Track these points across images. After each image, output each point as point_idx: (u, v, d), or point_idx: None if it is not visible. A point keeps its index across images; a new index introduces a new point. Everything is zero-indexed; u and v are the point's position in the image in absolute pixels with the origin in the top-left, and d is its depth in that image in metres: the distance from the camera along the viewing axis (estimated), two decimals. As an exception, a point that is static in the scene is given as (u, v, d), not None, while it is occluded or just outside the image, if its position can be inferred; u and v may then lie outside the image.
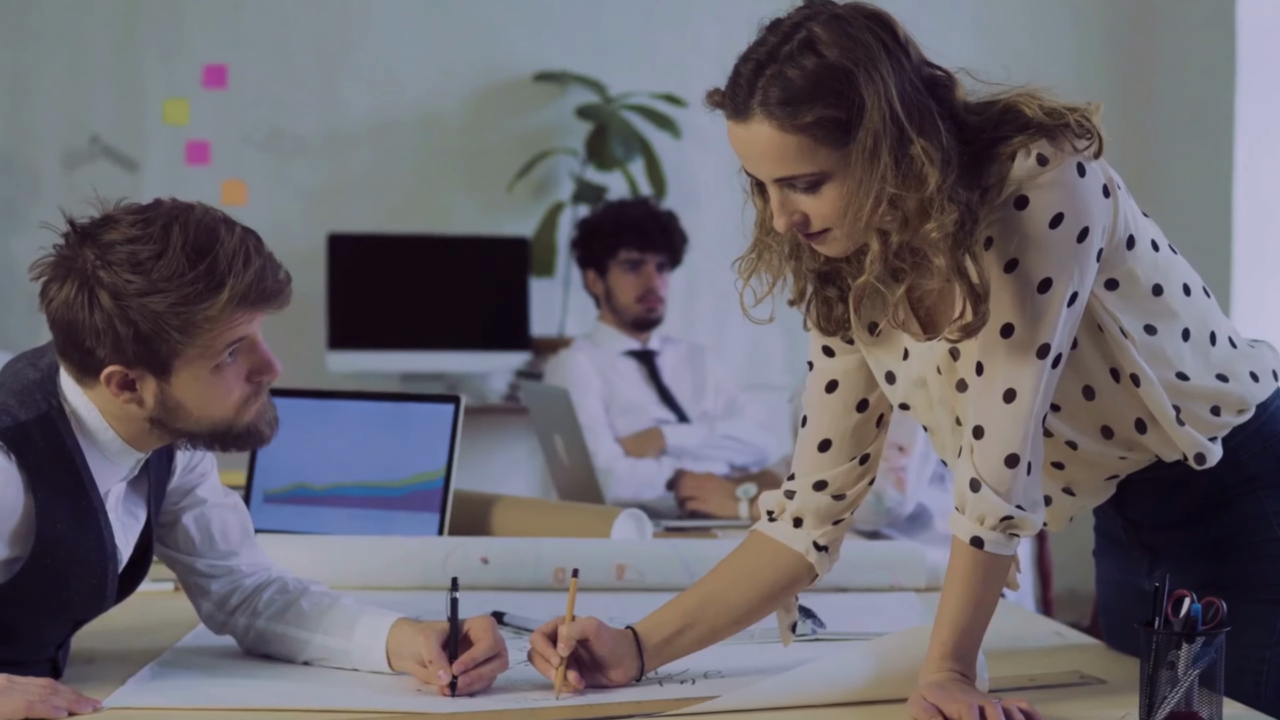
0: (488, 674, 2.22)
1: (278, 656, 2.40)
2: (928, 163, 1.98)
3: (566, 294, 6.38)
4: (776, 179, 2.04)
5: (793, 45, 1.99)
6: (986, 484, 2.07)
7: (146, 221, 2.11)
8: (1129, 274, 2.13)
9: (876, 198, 2.00)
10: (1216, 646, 2.00)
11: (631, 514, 3.19)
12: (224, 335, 2.13)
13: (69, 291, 2.10)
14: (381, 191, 6.38)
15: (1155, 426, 2.18)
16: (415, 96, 6.40)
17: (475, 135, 6.44)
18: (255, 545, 2.46)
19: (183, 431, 2.19)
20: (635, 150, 6.30)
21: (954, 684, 2.06)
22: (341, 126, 6.37)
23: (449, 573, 2.90)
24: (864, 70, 1.97)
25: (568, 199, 6.33)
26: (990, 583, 2.11)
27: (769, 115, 1.99)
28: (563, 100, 6.45)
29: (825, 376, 2.30)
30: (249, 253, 2.13)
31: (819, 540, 2.31)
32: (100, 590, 2.24)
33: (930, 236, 2.01)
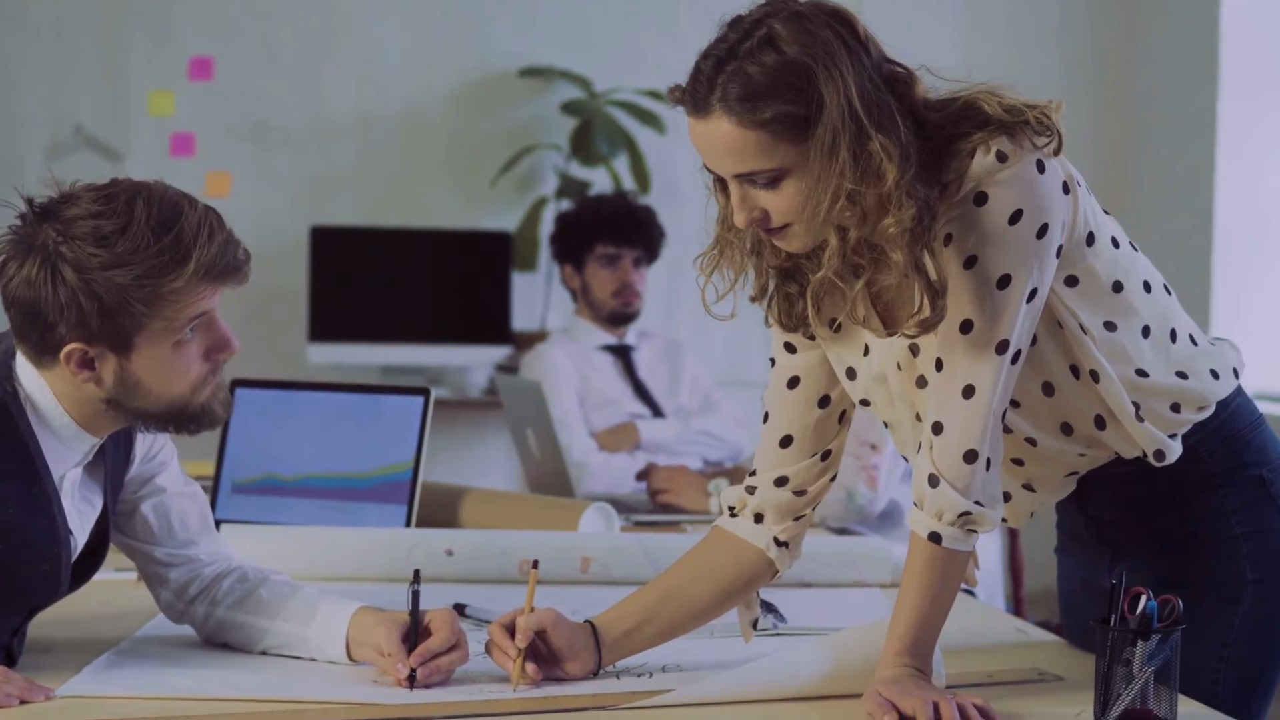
0: (446, 666, 2.21)
1: (236, 645, 2.39)
2: (886, 159, 1.98)
3: (548, 289, 6.38)
4: (736, 175, 2.05)
5: (753, 42, 2.00)
6: (945, 479, 2.07)
7: (109, 197, 2.11)
8: (1089, 271, 2.13)
9: (835, 193, 2.00)
10: (1172, 644, 2.00)
11: (599, 507, 3.19)
12: (188, 309, 2.12)
13: (30, 269, 2.09)
14: (365, 185, 6.38)
15: (1115, 423, 2.18)
16: (400, 90, 6.39)
17: (460, 129, 6.43)
18: (214, 534, 2.46)
19: (139, 411, 2.18)
20: (620, 146, 6.30)
21: (909, 679, 2.06)
22: (326, 120, 6.35)
23: (414, 564, 2.90)
24: (823, 67, 1.98)
25: (551, 194, 6.32)
26: (948, 579, 2.11)
27: (728, 111, 2.00)
28: (548, 96, 6.44)
29: (787, 372, 2.29)
30: (212, 227, 2.13)
31: (780, 536, 2.31)
32: (54, 577, 2.23)
33: (888, 232, 2.01)
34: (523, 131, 6.43)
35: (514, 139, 6.39)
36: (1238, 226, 6.04)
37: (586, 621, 2.29)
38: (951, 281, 2.05)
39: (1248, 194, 6.02)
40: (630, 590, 2.37)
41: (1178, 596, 2.01)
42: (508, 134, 6.41)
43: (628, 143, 6.31)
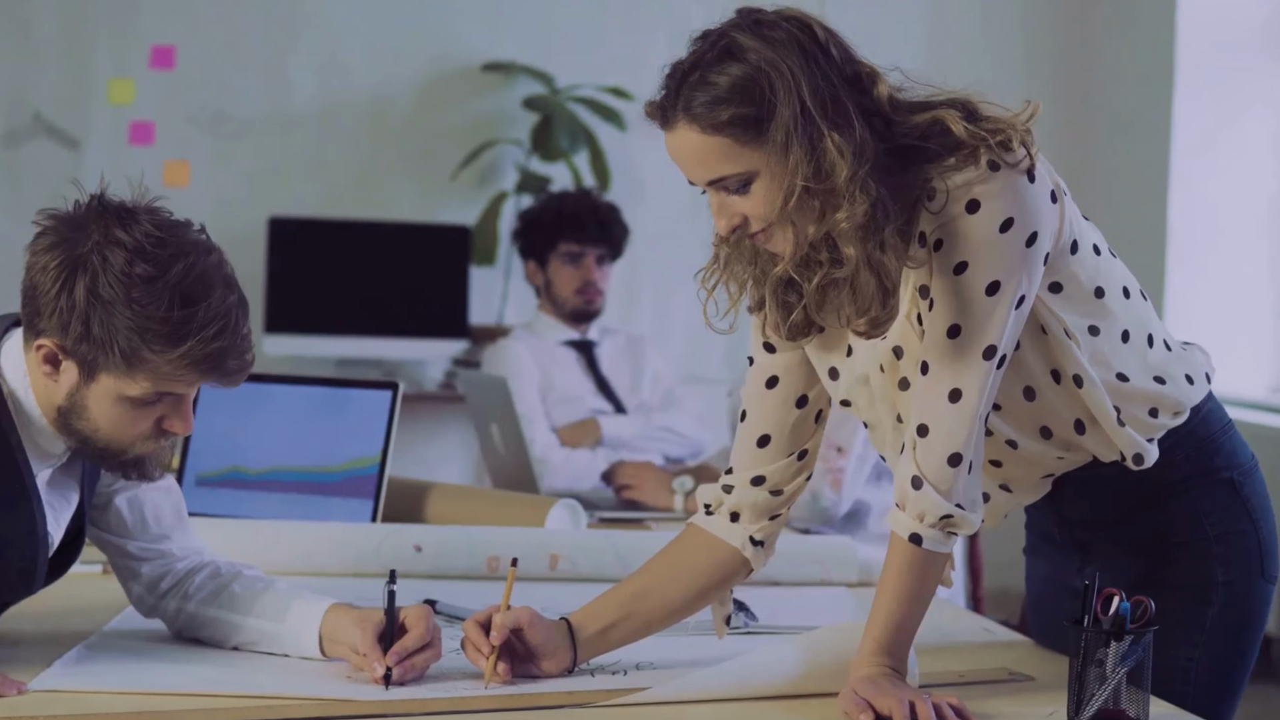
0: (421, 664, 2.21)
1: (208, 641, 2.38)
2: (838, 156, 2.02)
3: (507, 283, 6.38)
4: (709, 182, 2.08)
5: (713, 53, 2.04)
6: (929, 482, 2.08)
7: (160, 242, 2.10)
8: (1072, 277, 2.15)
9: (789, 190, 2.03)
10: (1144, 645, 2.02)
11: (566, 504, 3.19)
12: (159, 383, 2.11)
13: (54, 258, 2.09)
14: (325, 176, 6.36)
15: (1095, 427, 2.20)
16: (362, 82, 6.37)
17: (421, 123, 6.42)
18: (188, 529, 2.44)
19: (76, 433, 2.16)
20: (581, 142, 6.29)
21: (885, 679, 2.07)
22: (287, 110, 6.33)
23: (382, 559, 2.90)
24: (775, 69, 2.02)
25: (512, 189, 6.32)
26: (926, 580, 2.13)
27: (691, 119, 2.04)
28: (509, 91, 6.43)
29: (766, 372, 2.30)
30: (227, 325, 2.11)
31: (755, 535, 2.31)
32: (29, 573, 2.22)
33: (840, 226, 2.04)
34: (484, 126, 6.42)
35: (475, 133, 6.38)
36: (1191, 229, 6.08)
37: (562, 619, 2.29)
38: (941, 287, 2.07)
39: (1202, 197, 6.06)
40: (599, 588, 2.38)
41: (1149, 598, 2.03)
42: (469, 128, 6.41)
43: (589, 139, 6.31)
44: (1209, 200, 6.06)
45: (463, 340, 6.21)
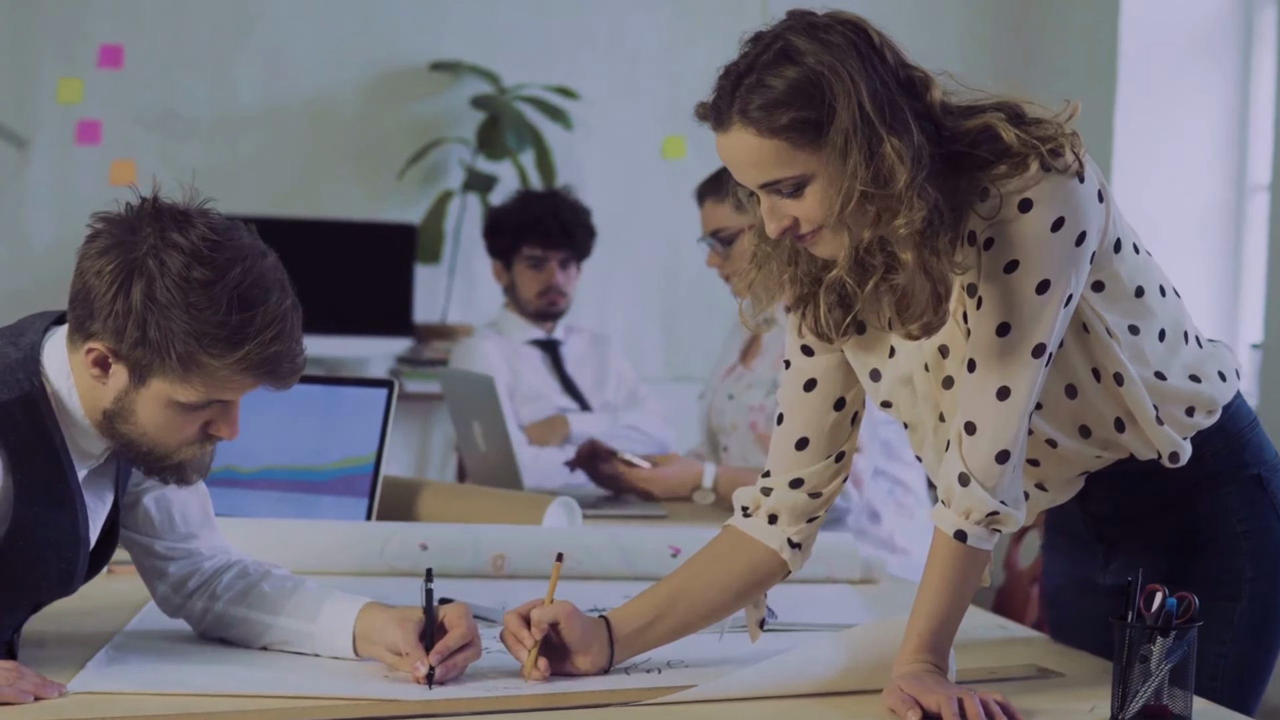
0: (462, 662, 2.20)
1: (236, 641, 2.36)
2: (897, 160, 2.02)
3: (451, 281, 6.37)
4: (761, 185, 2.08)
5: (770, 55, 2.04)
6: (975, 479, 2.09)
7: (216, 245, 2.08)
8: (1114, 276, 2.17)
9: (847, 194, 2.04)
10: (1189, 641, 2.04)
11: (563, 502, 3.19)
12: (212, 389, 2.10)
13: (108, 261, 2.07)
14: (271, 175, 6.32)
15: (1134, 425, 2.22)
16: (308, 81, 6.35)
17: (367, 122, 6.40)
18: (215, 528, 2.43)
19: (121, 436, 2.15)
20: (527, 141, 6.29)
21: (929, 676, 2.09)
22: (233, 110, 6.30)
23: (387, 558, 2.90)
24: (835, 73, 2.02)
25: (458, 188, 6.31)
26: (969, 577, 2.14)
27: (748, 122, 2.04)
28: (456, 90, 6.42)
29: (804, 375, 2.31)
30: (283, 329, 2.10)
31: (793, 538, 2.32)
32: (69, 574, 2.20)
33: (898, 232, 2.05)
34: (430, 125, 6.42)
35: (422, 132, 6.38)
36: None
37: (600, 616, 2.29)
38: (990, 285, 2.08)
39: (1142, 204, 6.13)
40: (603, 585, 2.39)
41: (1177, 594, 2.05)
42: (415, 127, 6.40)
43: (535, 138, 6.31)
44: (1148, 206, 6.12)
45: (407, 338, 6.20)
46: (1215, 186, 6.14)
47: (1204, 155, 6.15)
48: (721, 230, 3.78)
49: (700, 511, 3.76)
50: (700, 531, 3.03)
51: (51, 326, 2.22)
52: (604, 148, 6.53)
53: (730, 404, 3.81)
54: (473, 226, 6.32)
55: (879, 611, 2.73)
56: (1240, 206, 6.11)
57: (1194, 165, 6.14)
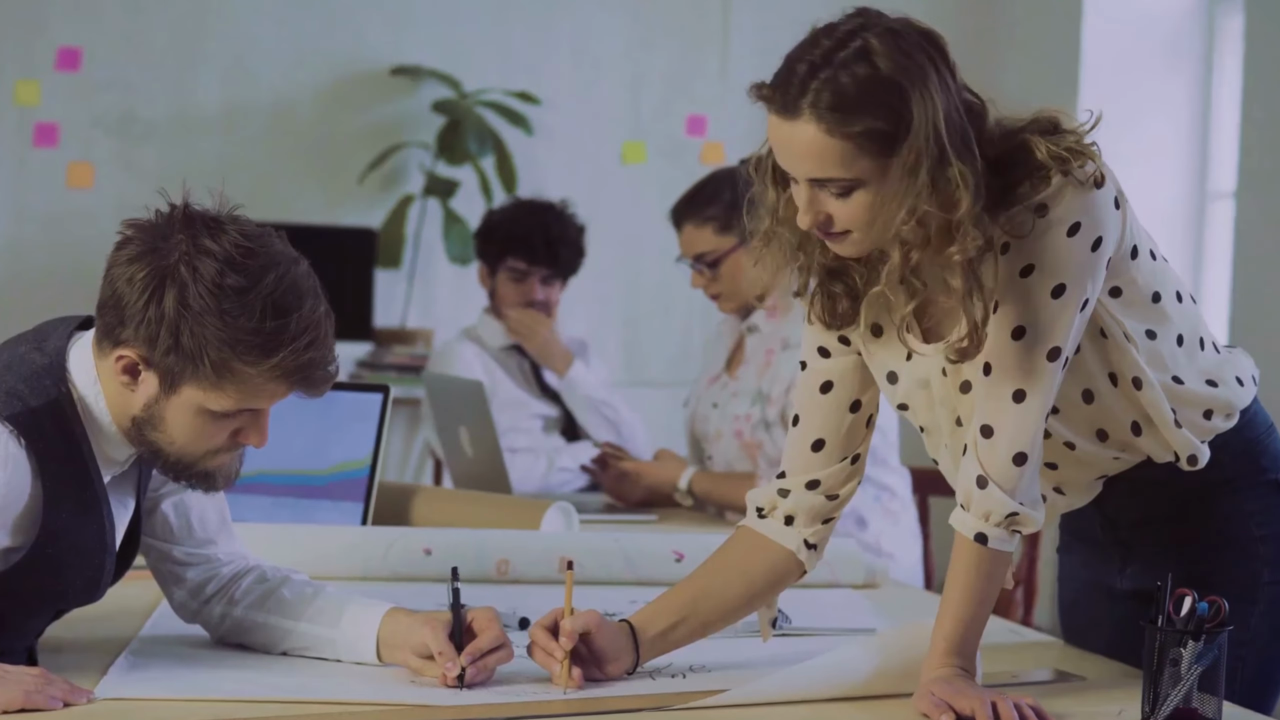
0: (493, 665, 2.20)
1: (255, 646, 2.35)
2: (962, 186, 2.02)
3: (410, 287, 6.35)
4: (811, 179, 2.07)
5: (848, 52, 2.02)
6: (993, 481, 2.11)
7: (250, 252, 2.07)
8: (1131, 282, 2.19)
9: (910, 211, 2.03)
10: (1219, 645, 2.05)
11: (560, 507, 3.18)
12: (244, 397, 2.09)
13: (140, 269, 2.05)
14: (231, 179, 6.20)
15: (1151, 429, 2.23)
16: (269, 85, 6.31)
17: (328, 126, 6.37)
18: (232, 533, 2.41)
19: (150, 443, 2.13)
20: (488, 146, 6.28)
21: (960, 679, 2.09)
22: (193, 113, 6.26)
23: (391, 563, 2.89)
24: (916, 88, 2.01)
25: (419, 192, 6.29)
26: (992, 579, 2.15)
27: (818, 117, 2.02)
28: (417, 94, 6.41)
29: (820, 377, 2.32)
30: (317, 336, 2.09)
31: (809, 539, 2.33)
32: (95, 581, 2.19)
33: (953, 259, 2.05)
34: (391, 129, 6.40)
35: (382, 136, 6.36)
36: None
37: (623, 621, 2.29)
38: (1007, 289, 2.09)
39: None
40: (608, 590, 2.39)
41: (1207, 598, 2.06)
42: (376, 131, 6.38)
43: (496, 143, 6.29)
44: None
45: (367, 343, 6.18)
46: (1177, 193, 6.19)
47: (1165, 162, 6.20)
48: (706, 255, 3.78)
49: (692, 517, 3.77)
50: (699, 537, 3.05)
51: (75, 332, 2.20)
52: (565, 153, 6.53)
53: (715, 412, 3.81)
54: (433, 231, 6.31)
55: (887, 615, 2.74)
56: (1202, 213, 6.16)
57: (1155, 172, 6.18)
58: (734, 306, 3.83)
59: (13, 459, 2.05)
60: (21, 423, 2.07)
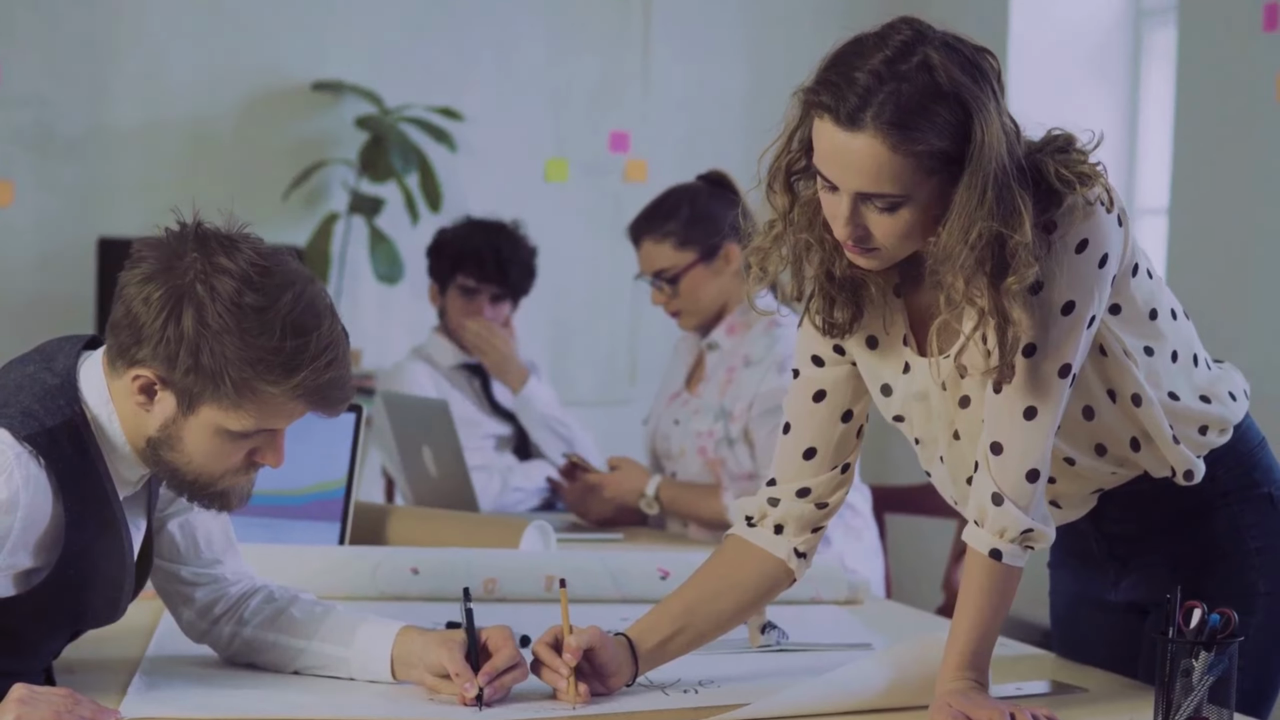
0: (509, 683, 2.21)
1: (266, 666, 2.35)
2: (1024, 210, 2.05)
3: (337, 305, 6.30)
4: (860, 193, 2.08)
5: (909, 66, 2.03)
6: (1009, 498, 2.14)
7: (266, 271, 2.06)
8: (1130, 299, 2.23)
9: (978, 233, 2.04)
10: (1229, 655, 2.10)
11: (538, 526, 3.19)
12: (263, 417, 2.09)
13: (155, 289, 2.04)
14: (152, 195, 6.20)
15: (1149, 444, 2.28)
16: (189, 101, 6.25)
17: (249, 142, 6.32)
18: (238, 553, 2.41)
19: (166, 464, 2.13)
20: (412, 163, 6.26)
21: (976, 692, 2.13)
22: (112, 128, 6.18)
23: (379, 583, 2.89)
24: (979, 107, 2.03)
25: (343, 210, 6.26)
26: (1005, 594, 2.19)
27: (882, 133, 2.02)
28: (338, 110, 6.37)
29: (813, 385, 2.35)
30: (336, 356, 2.10)
31: (799, 547, 2.37)
32: (115, 601, 2.18)
33: (1011, 288, 2.07)
34: (314, 146, 6.36)
35: (305, 153, 6.32)
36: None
37: (619, 635, 2.32)
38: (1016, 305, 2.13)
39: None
40: (593, 608, 2.41)
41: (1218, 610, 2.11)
42: (298, 148, 6.34)
43: (420, 160, 6.28)
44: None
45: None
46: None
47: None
48: (665, 271, 3.80)
49: (658, 536, 3.79)
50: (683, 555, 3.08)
51: (84, 351, 2.19)
52: (488, 170, 6.52)
53: (677, 430, 3.83)
54: (358, 249, 6.28)
55: (878, 630, 2.77)
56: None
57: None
58: (694, 323, 3.85)
59: (34, 479, 2.04)
60: (40, 443, 2.06)
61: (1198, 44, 5.63)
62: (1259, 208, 5.33)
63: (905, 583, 4.82)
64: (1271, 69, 5.23)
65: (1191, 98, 5.63)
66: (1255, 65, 5.31)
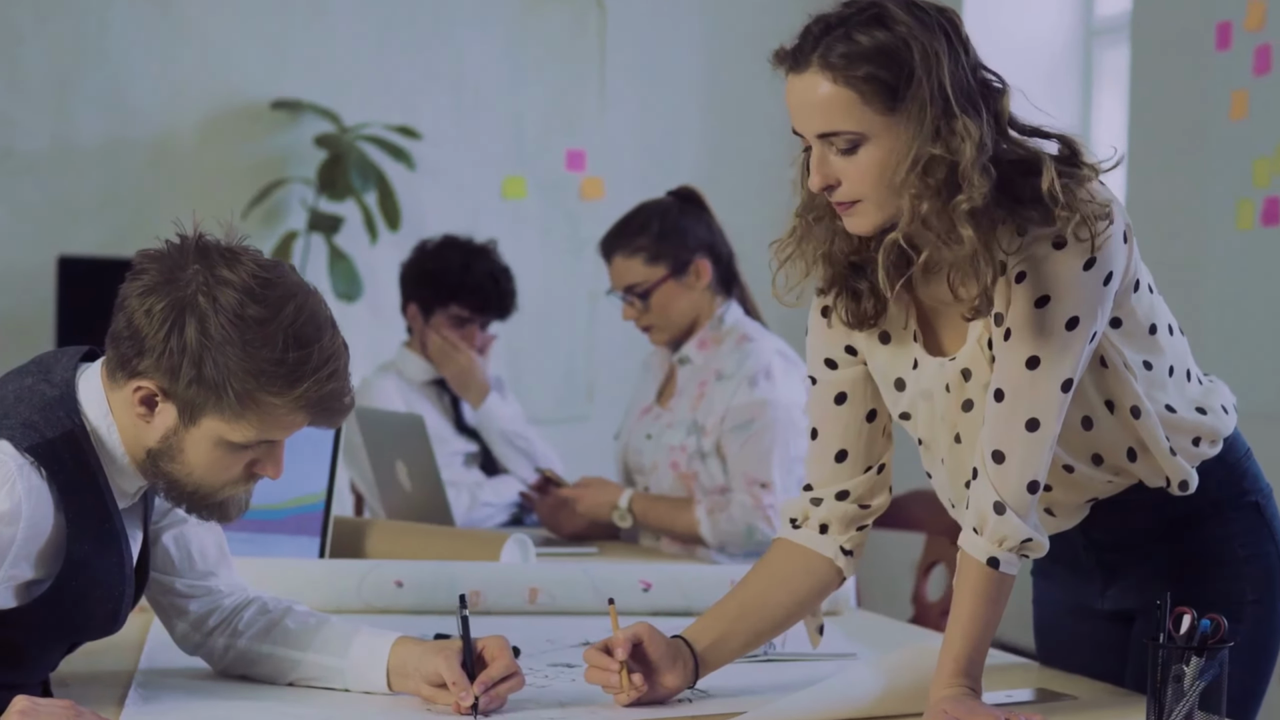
0: (505, 693, 2.22)
1: (260, 678, 2.35)
2: (967, 136, 2.10)
3: (296, 322, 6.30)
4: (820, 134, 2.15)
5: (863, 16, 2.13)
6: (1010, 508, 2.17)
7: (268, 283, 2.07)
8: (1131, 313, 2.27)
9: (915, 159, 2.11)
10: (1220, 661, 2.12)
11: (517, 539, 3.20)
12: (265, 428, 2.10)
13: (157, 301, 2.05)
14: (112, 213, 6.21)
15: (1146, 455, 2.31)
16: (148, 118, 6.25)
17: (209, 160, 6.31)
18: (231, 565, 2.42)
19: (166, 475, 2.14)
20: (371, 181, 6.27)
21: (970, 698, 2.15)
22: (72, 146, 6.17)
23: (364, 596, 2.90)
24: (922, 44, 2.10)
25: (303, 228, 6.26)
26: (998, 602, 2.21)
27: (825, 67, 2.12)
28: (297, 129, 6.38)
29: (833, 389, 2.38)
30: (337, 368, 2.11)
31: (845, 545, 2.40)
32: (114, 614, 2.18)
33: (960, 208, 2.12)
34: (273, 164, 6.37)
35: (264, 171, 6.33)
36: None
37: (675, 636, 2.33)
38: (1021, 319, 2.16)
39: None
40: (578, 620, 2.42)
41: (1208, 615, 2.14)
42: (257, 166, 6.34)
43: (378, 178, 6.29)
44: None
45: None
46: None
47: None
48: (636, 286, 3.82)
49: (633, 550, 3.81)
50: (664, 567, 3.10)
51: (81, 363, 2.19)
52: (446, 188, 6.53)
53: (649, 444, 3.85)
54: (317, 267, 6.27)
55: (861, 640, 2.79)
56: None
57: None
58: (665, 338, 3.87)
59: (36, 491, 2.05)
60: (41, 454, 2.07)
61: (1150, 63, 5.69)
62: (1213, 227, 5.37)
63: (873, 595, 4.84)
64: (1226, 88, 5.29)
65: (1144, 117, 5.68)
66: (1209, 84, 5.36)
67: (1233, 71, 5.26)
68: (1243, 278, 5.27)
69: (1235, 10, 5.25)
